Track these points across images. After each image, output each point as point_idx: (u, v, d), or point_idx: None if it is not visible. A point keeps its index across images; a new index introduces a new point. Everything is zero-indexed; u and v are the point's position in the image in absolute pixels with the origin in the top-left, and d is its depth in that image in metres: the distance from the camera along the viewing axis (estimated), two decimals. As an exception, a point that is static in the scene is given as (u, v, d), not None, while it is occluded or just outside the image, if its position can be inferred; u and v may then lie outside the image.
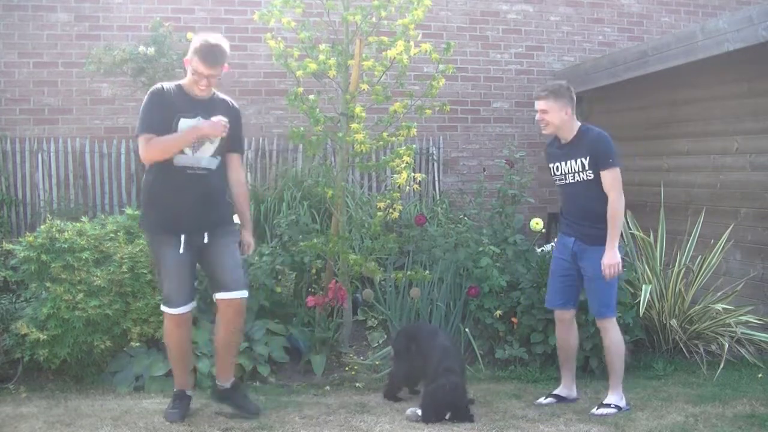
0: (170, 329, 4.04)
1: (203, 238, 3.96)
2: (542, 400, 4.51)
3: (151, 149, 3.81)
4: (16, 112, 6.70)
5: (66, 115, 6.76)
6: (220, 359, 4.18)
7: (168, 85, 3.94)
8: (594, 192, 4.26)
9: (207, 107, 3.93)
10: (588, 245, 4.30)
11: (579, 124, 4.40)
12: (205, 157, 3.94)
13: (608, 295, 4.31)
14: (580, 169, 4.29)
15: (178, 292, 3.94)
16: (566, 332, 4.52)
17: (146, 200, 3.99)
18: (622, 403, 4.31)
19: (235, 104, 4.13)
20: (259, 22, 5.39)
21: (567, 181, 4.39)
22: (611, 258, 4.19)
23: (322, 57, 5.17)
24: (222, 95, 4.08)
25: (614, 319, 4.38)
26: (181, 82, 3.98)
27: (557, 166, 4.42)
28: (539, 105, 4.36)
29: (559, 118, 4.31)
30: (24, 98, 6.70)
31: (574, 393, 4.57)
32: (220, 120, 3.86)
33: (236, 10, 7.08)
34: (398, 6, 5.22)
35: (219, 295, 4.01)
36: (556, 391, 4.55)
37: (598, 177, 4.25)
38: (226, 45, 3.88)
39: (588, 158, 4.25)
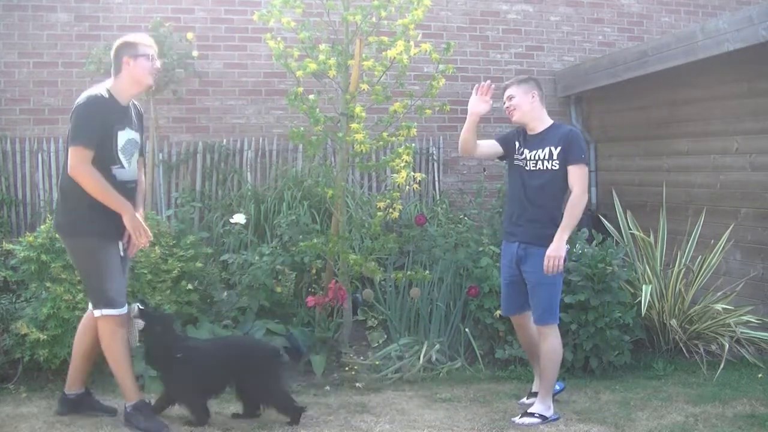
0: (115, 330, 3.88)
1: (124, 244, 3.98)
2: (525, 399, 4.49)
3: (88, 179, 3.71)
4: (16, 112, 6.69)
5: (66, 115, 6.56)
6: (86, 367, 4.11)
7: (100, 93, 3.83)
8: (552, 184, 4.17)
9: (130, 115, 3.96)
10: (533, 247, 4.17)
11: (551, 120, 4.35)
12: (134, 168, 3.98)
13: (551, 301, 4.20)
14: (547, 157, 4.18)
15: (120, 293, 3.91)
16: (526, 334, 4.46)
17: (90, 207, 3.79)
18: (549, 413, 4.17)
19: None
20: (259, 22, 5.39)
21: (528, 168, 4.23)
22: (556, 249, 4.06)
23: (322, 57, 5.16)
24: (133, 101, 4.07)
25: (556, 326, 4.24)
26: (110, 87, 3.87)
27: (522, 151, 4.29)
28: (505, 94, 4.37)
29: (525, 101, 4.28)
30: (24, 98, 6.70)
31: (554, 387, 4.43)
32: (149, 236, 3.89)
33: (236, 10, 7.07)
34: (398, 6, 5.22)
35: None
36: (535, 389, 4.49)
37: (561, 171, 4.15)
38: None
39: (559, 148, 4.15)
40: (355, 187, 6.77)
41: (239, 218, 5.66)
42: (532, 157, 4.23)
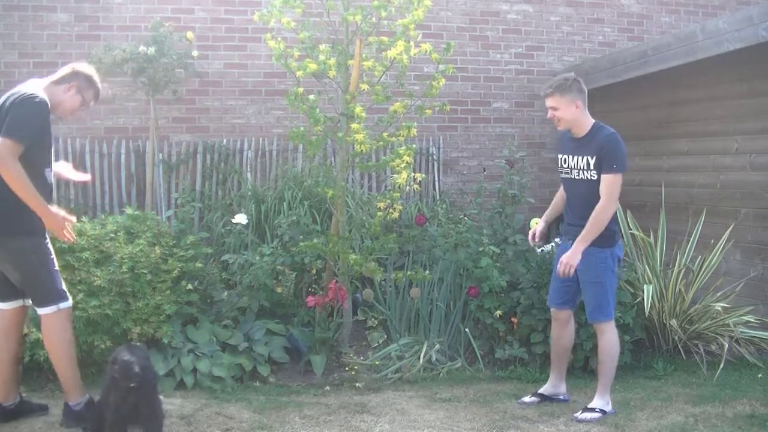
0: (65, 325, 3.83)
1: None
2: (526, 398, 4.50)
3: (14, 173, 3.57)
4: (16, 112, 6.69)
5: None
6: (18, 373, 4.01)
7: (45, 96, 3.76)
8: (595, 193, 4.19)
9: None
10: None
11: (593, 120, 4.33)
12: None
13: (602, 299, 4.24)
14: (585, 167, 4.23)
15: (62, 285, 3.87)
16: (560, 331, 4.50)
17: (24, 206, 3.71)
18: (608, 408, 4.23)
19: None
20: (259, 22, 5.39)
21: (572, 177, 4.33)
22: (571, 257, 4.15)
23: (322, 57, 5.17)
24: None
25: (611, 323, 4.30)
26: (46, 98, 3.76)
27: (565, 159, 4.37)
28: (548, 102, 4.30)
29: (569, 112, 4.25)
30: (24, 98, 6.69)
31: (561, 391, 4.53)
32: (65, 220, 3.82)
33: (236, 10, 7.08)
34: (398, 6, 5.23)
35: (29, 301, 3.90)
36: (540, 390, 4.53)
37: (599, 179, 4.20)
38: None
39: (595, 158, 4.19)
40: (355, 187, 6.78)
41: (241, 218, 5.67)
42: (576, 165, 4.29)
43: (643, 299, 5.15)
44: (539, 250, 5.59)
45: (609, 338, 4.29)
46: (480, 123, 7.72)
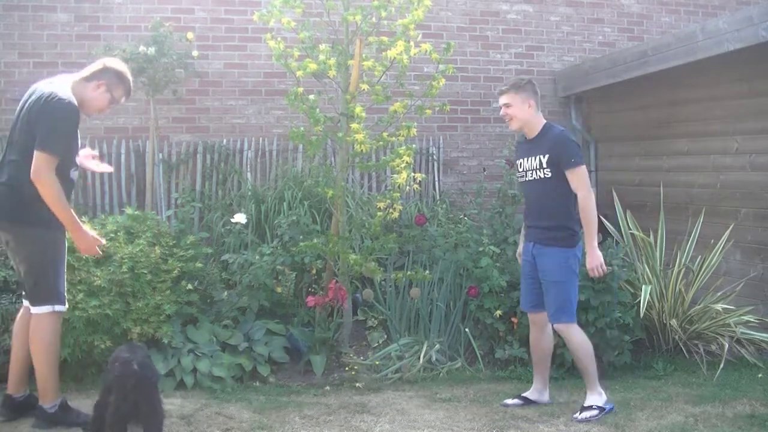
0: (57, 329, 3.82)
1: None
2: (509, 400, 4.48)
3: (49, 188, 3.58)
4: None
5: None
6: (28, 367, 3.95)
7: (72, 98, 3.72)
8: (550, 191, 4.22)
9: None
10: (544, 247, 4.26)
11: (544, 121, 4.37)
12: None
13: (565, 300, 4.22)
14: (538, 167, 4.25)
15: (63, 287, 3.87)
16: (538, 335, 4.47)
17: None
18: (603, 400, 4.24)
19: None
20: (259, 22, 5.40)
21: (526, 179, 4.36)
22: (594, 259, 4.19)
23: (322, 57, 5.17)
24: None
25: (575, 325, 4.28)
26: (74, 99, 3.72)
27: (520, 163, 4.40)
28: (502, 100, 4.34)
29: (522, 111, 4.29)
30: (24, 98, 6.69)
31: (545, 397, 4.50)
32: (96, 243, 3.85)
33: (236, 10, 7.07)
34: (398, 6, 5.23)
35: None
36: (525, 394, 4.50)
37: (556, 176, 4.20)
38: None
39: (547, 156, 4.21)
40: (355, 187, 6.77)
41: (240, 218, 5.66)
42: (530, 167, 4.31)
43: (642, 299, 5.14)
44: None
45: (577, 340, 4.26)
46: (480, 123, 7.72)
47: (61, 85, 3.77)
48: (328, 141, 5.57)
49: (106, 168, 4.48)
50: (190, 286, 5.01)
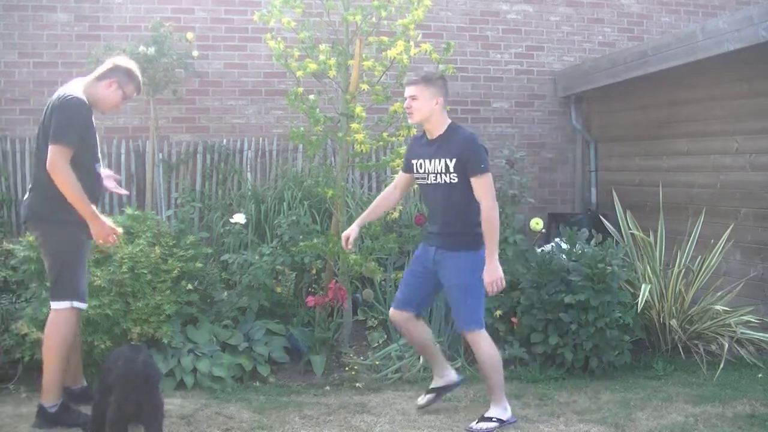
0: (75, 326, 3.94)
1: None
2: (421, 400, 4.31)
3: (65, 178, 3.71)
4: (16, 112, 6.70)
5: None
6: (78, 361, 4.19)
7: (82, 96, 3.87)
8: (457, 196, 4.00)
9: None
10: (449, 251, 4.03)
11: (449, 121, 4.12)
12: None
13: (473, 305, 4.04)
14: (444, 171, 4.00)
15: (85, 286, 3.97)
16: (411, 328, 4.27)
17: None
18: (506, 416, 4.05)
19: None
20: (259, 22, 5.40)
21: (428, 182, 4.09)
22: (492, 273, 3.93)
23: (322, 57, 5.17)
24: None
25: (483, 332, 4.09)
26: (84, 93, 3.88)
27: (420, 163, 4.11)
28: (408, 91, 4.06)
29: (428, 107, 4.02)
30: (24, 98, 6.70)
31: (452, 375, 4.32)
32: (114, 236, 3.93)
33: (236, 10, 7.07)
34: (398, 6, 5.23)
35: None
36: (432, 385, 4.33)
37: (463, 181, 3.98)
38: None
39: (454, 161, 3.97)
40: (355, 187, 6.78)
41: (239, 218, 5.66)
42: (433, 170, 4.05)
43: (641, 298, 5.14)
44: (539, 250, 5.59)
45: (486, 349, 4.08)
46: (480, 123, 7.72)
47: (71, 87, 3.92)
48: (328, 141, 5.58)
49: (123, 191, 4.65)
50: (190, 286, 5.01)
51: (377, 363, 5.12)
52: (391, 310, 4.32)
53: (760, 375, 4.91)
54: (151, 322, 4.70)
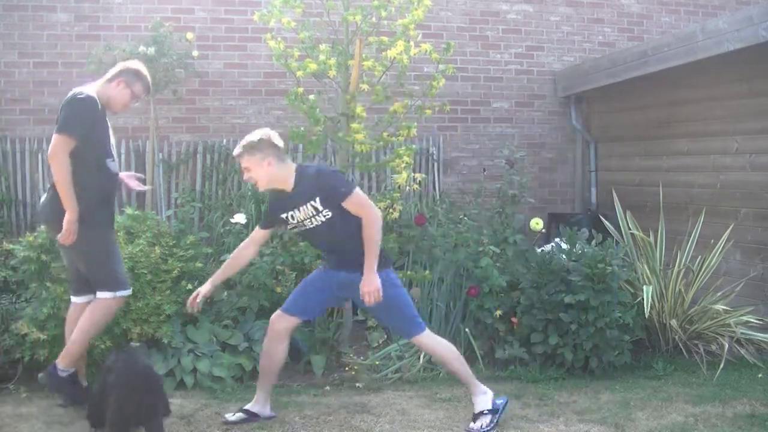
0: (112, 312, 4.17)
1: None
2: (230, 416, 4.10)
3: (60, 166, 3.87)
4: (16, 112, 6.70)
5: None
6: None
7: (94, 94, 4.03)
8: (343, 226, 3.90)
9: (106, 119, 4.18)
10: (356, 271, 3.89)
11: (294, 166, 4.00)
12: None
13: (408, 314, 4.02)
14: (314, 213, 3.92)
15: (125, 275, 4.21)
16: (277, 344, 4.10)
17: (99, 199, 4.03)
18: (491, 401, 4.03)
19: None
20: (259, 22, 5.40)
21: (306, 228, 3.99)
22: (370, 283, 3.83)
23: (322, 57, 5.17)
24: None
25: (426, 332, 4.05)
26: (96, 95, 4.03)
27: (291, 215, 3.98)
28: (241, 164, 4.03)
29: (263, 171, 3.93)
30: (24, 98, 6.70)
31: (267, 411, 4.14)
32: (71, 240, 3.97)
33: (236, 10, 7.08)
34: (398, 6, 5.23)
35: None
36: (247, 407, 4.13)
37: (337, 211, 3.89)
38: None
39: (318, 199, 3.88)
40: (355, 187, 6.76)
41: (239, 218, 5.67)
42: (303, 217, 3.95)
43: (643, 299, 5.14)
44: (539, 250, 5.59)
45: (434, 346, 4.07)
46: (480, 123, 7.72)
47: (85, 87, 4.08)
48: (328, 141, 5.58)
49: (145, 188, 4.82)
50: (190, 286, 5.00)
51: (377, 363, 5.12)
52: (276, 315, 4.14)
53: (760, 375, 4.91)
54: (151, 322, 4.70)
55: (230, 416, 4.10)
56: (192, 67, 6.28)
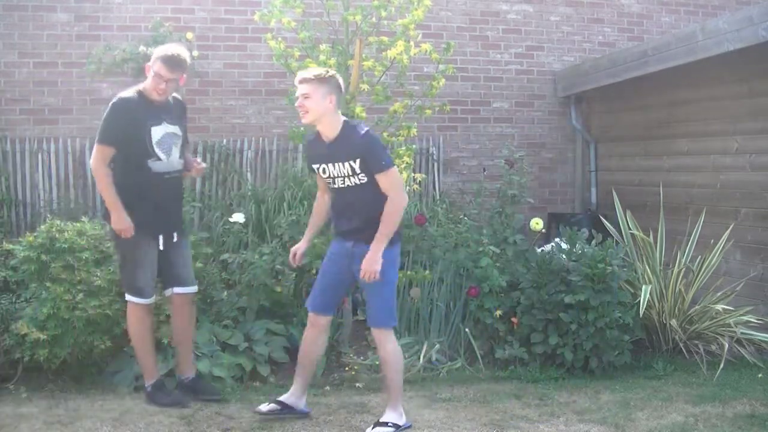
0: (141, 317, 4.28)
1: (173, 237, 4.33)
2: (263, 407, 4.12)
3: (98, 174, 4.16)
4: (16, 112, 6.69)
5: (66, 115, 6.75)
6: (184, 352, 4.47)
7: (130, 95, 4.19)
8: (370, 196, 3.88)
9: (167, 110, 4.28)
10: (365, 245, 3.87)
11: (343, 119, 3.98)
12: (176, 159, 4.30)
13: (389, 300, 3.96)
14: (350, 173, 3.88)
15: (150, 284, 4.28)
16: (316, 338, 4.13)
17: (127, 202, 4.12)
18: (402, 421, 3.95)
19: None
20: (259, 22, 5.40)
21: (336, 186, 3.97)
22: (373, 262, 3.80)
23: (322, 57, 5.17)
24: (173, 95, 4.37)
25: (392, 332, 4.02)
26: (141, 88, 4.23)
27: (323, 168, 3.98)
28: (301, 89, 3.90)
29: (321, 105, 3.87)
30: (24, 98, 6.70)
31: (302, 405, 4.16)
32: (127, 229, 4.14)
33: (236, 10, 7.07)
34: (398, 6, 5.23)
35: (178, 290, 4.38)
36: (281, 398, 4.16)
37: (371, 180, 3.87)
38: (186, 55, 4.23)
39: (358, 161, 3.85)
40: (355, 187, 6.76)
41: (238, 217, 5.66)
42: (338, 173, 3.93)
43: (643, 299, 5.14)
44: (539, 250, 5.59)
45: (391, 349, 4.00)
46: (480, 123, 7.72)
47: (128, 89, 4.26)
48: (328, 141, 5.56)
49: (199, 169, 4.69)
50: (190, 286, 5.00)
51: (377, 363, 5.11)
52: (311, 315, 4.13)
53: (760, 375, 4.91)
54: (151, 322, 4.70)
55: (264, 407, 4.14)
56: (192, 67, 6.27)
